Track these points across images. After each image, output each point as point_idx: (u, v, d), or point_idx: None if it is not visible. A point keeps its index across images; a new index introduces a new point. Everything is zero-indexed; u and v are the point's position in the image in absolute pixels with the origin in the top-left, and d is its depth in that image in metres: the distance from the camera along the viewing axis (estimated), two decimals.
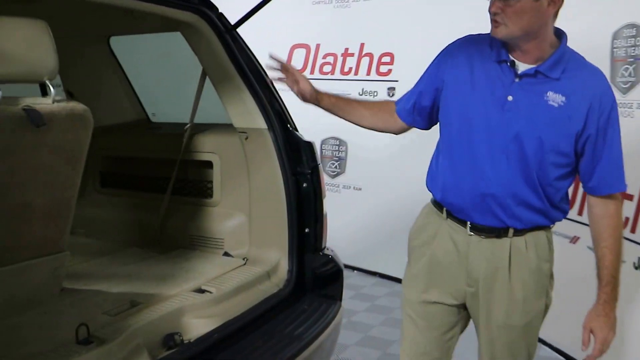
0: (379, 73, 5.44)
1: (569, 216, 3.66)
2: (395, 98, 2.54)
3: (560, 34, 1.96)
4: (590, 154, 1.93)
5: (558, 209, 2.03)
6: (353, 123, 2.32)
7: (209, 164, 3.16)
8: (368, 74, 5.46)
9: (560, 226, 3.70)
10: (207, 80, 3.02)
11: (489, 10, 1.87)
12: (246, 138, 2.91)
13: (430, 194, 2.19)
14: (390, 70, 5.37)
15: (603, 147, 1.92)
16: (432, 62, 2.18)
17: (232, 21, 2.80)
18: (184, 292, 2.54)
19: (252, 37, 3.04)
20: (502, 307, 2.04)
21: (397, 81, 5.26)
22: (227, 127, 3.01)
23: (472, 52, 2.02)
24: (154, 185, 3.44)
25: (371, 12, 5.38)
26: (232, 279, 2.72)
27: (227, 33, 2.79)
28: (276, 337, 2.47)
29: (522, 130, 1.89)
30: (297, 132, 2.85)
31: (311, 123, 3.06)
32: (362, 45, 5.52)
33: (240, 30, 2.82)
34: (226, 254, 3.06)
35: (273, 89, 2.84)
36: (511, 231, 2.00)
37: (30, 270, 2.31)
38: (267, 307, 2.64)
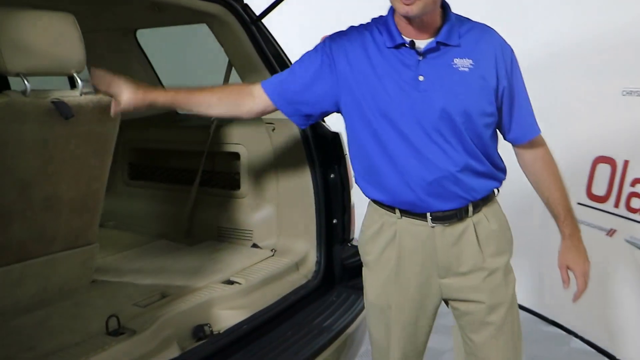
0: None
1: (605, 208, 3.65)
2: None
3: (442, 3, 1.91)
4: (508, 106, 1.93)
5: (498, 167, 1.98)
6: (203, 115, 2.15)
7: (236, 156, 3.15)
8: None
9: (595, 218, 3.66)
10: (233, 71, 3.01)
11: None
12: (273, 129, 2.91)
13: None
14: None
15: (514, 96, 1.93)
16: (310, 58, 2.01)
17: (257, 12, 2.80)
18: (213, 283, 2.55)
19: (284, 27, 3.01)
20: (484, 288, 1.97)
21: None
22: (254, 119, 3.00)
23: (364, 44, 1.93)
24: (181, 177, 3.45)
25: None
26: (260, 271, 2.72)
27: (253, 24, 2.78)
28: (305, 328, 2.47)
29: (446, 104, 1.84)
30: (323, 123, 2.83)
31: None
32: None
33: (272, 20, 2.80)
34: (254, 245, 3.06)
35: None
36: (471, 208, 1.94)
37: (61, 262, 2.33)
38: (296, 298, 2.64)
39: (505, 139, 2.02)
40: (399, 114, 1.86)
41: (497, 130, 2.00)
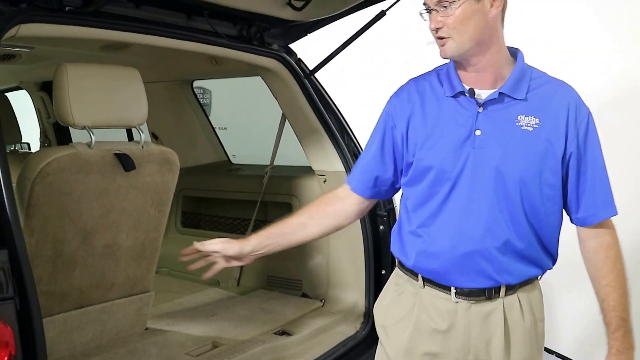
0: None
1: None
2: None
3: (514, 52, 1.72)
4: (575, 177, 1.67)
5: (549, 254, 1.74)
6: (306, 241, 2.02)
7: (287, 206, 3.20)
8: None
9: None
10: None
11: (430, 29, 1.64)
12: (324, 181, 2.94)
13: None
14: None
15: (586, 166, 1.67)
16: (376, 130, 1.87)
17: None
18: (264, 333, 2.57)
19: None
20: None
21: None
22: (306, 170, 3.05)
23: (423, 96, 1.76)
24: (233, 226, 3.50)
25: None
26: (310, 321, 2.73)
27: (306, 78, 2.84)
28: None
29: (501, 164, 1.63)
30: None
31: None
32: None
33: (350, 73, 2.81)
34: (304, 294, 3.08)
35: (350, 132, 2.87)
36: (503, 290, 1.70)
37: (118, 309, 2.38)
38: (346, 349, 2.63)
39: (571, 219, 1.74)
40: (448, 173, 1.68)
41: (564, 209, 1.73)
